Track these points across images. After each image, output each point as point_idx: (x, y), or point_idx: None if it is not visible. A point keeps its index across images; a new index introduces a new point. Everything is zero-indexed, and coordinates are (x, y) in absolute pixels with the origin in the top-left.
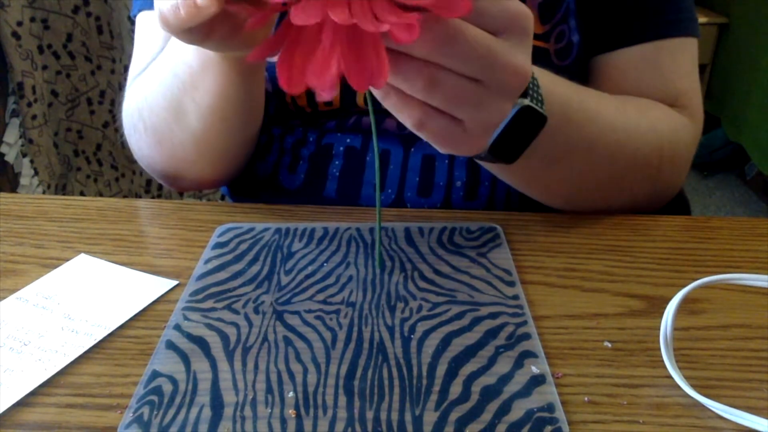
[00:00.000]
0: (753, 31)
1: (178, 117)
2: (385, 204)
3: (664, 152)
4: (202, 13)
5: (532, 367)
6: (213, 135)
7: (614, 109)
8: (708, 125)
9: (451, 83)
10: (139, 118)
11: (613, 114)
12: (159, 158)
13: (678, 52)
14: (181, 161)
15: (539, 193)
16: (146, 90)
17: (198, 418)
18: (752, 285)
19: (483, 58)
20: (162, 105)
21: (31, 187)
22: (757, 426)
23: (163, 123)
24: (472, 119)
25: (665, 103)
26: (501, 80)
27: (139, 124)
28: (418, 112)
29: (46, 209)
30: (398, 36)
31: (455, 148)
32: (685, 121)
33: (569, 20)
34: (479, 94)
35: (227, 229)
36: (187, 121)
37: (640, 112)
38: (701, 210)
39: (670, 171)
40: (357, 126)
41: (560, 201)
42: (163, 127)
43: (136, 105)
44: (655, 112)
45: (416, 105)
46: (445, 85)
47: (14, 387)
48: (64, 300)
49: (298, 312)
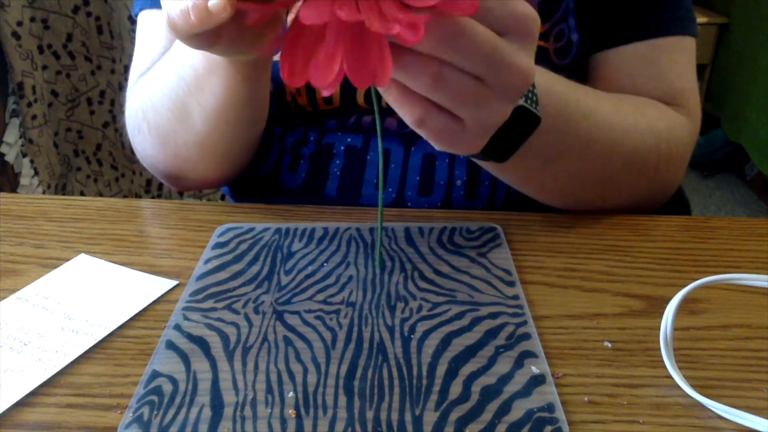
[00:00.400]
0: (753, 31)
1: (183, 119)
2: (386, 203)
3: (662, 151)
4: (214, 19)
5: (532, 367)
6: (217, 136)
7: (611, 107)
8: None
9: (455, 80)
10: (143, 119)
11: (610, 112)
12: (162, 158)
13: (676, 51)
14: (184, 161)
15: (535, 191)
16: (150, 91)
17: (198, 418)
18: (752, 285)
19: (488, 55)
20: (166, 106)
21: (31, 187)
22: (757, 426)
23: (167, 124)
24: (472, 118)
25: (663, 101)
26: (504, 80)
27: (143, 125)
28: (419, 108)
29: (46, 209)
30: (404, 36)
31: (454, 146)
32: (683, 119)
33: (568, 19)
34: (482, 93)
35: (227, 229)
36: (192, 123)
37: (638, 111)
38: (701, 210)
39: (668, 170)
40: (358, 125)
41: (556, 199)
42: (167, 128)
43: (140, 106)
44: (653, 111)
45: (418, 101)
46: (448, 81)
47: (14, 387)
48: (64, 300)
49: (298, 312)
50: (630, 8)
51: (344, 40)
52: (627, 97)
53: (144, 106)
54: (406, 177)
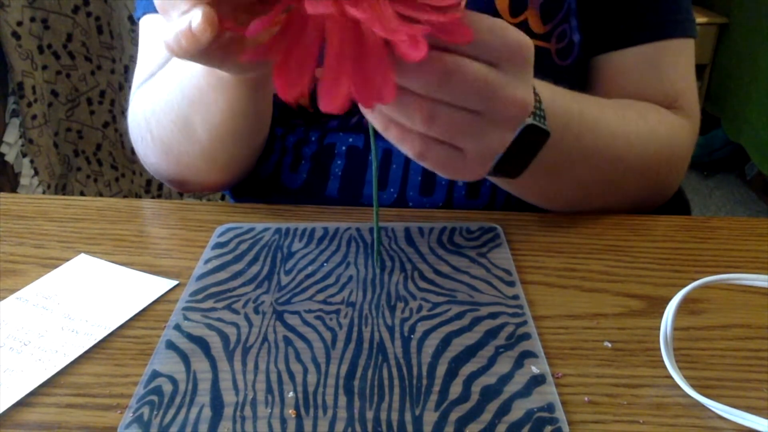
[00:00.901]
0: (753, 31)
1: (186, 131)
2: (388, 203)
3: (663, 156)
4: (201, 41)
5: (532, 367)
6: (220, 147)
7: (614, 116)
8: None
9: (450, 116)
10: (146, 128)
11: (614, 121)
12: (166, 166)
13: (678, 54)
14: (187, 169)
15: (540, 201)
16: (153, 100)
17: (198, 418)
18: (752, 285)
19: (482, 91)
20: (170, 118)
21: (31, 187)
22: (757, 426)
23: (170, 135)
24: (472, 149)
25: (665, 104)
26: (501, 112)
27: (146, 135)
28: (419, 143)
29: (46, 209)
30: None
31: (458, 175)
32: (683, 122)
33: (570, 20)
34: (479, 125)
35: (227, 229)
36: (195, 135)
37: (640, 117)
38: (701, 210)
39: (669, 172)
40: (359, 125)
41: (560, 206)
42: (170, 139)
43: (143, 115)
44: (654, 116)
45: (416, 136)
46: (443, 118)
47: (14, 387)
48: (64, 300)
49: (298, 312)
50: (632, 10)
51: (346, 60)
52: (629, 104)
53: (147, 116)
54: (407, 177)
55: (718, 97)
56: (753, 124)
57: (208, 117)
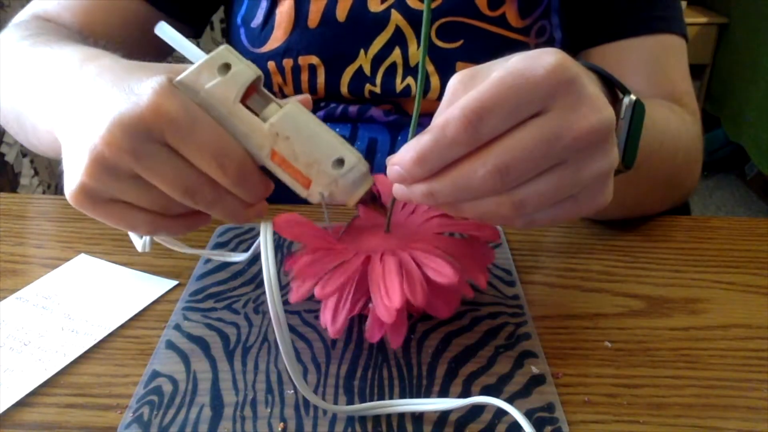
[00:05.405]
0: (753, 31)
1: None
2: None
3: (692, 152)
4: None
5: (532, 367)
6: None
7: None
8: (708, 125)
9: (537, 191)
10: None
11: (660, 116)
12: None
13: (679, 54)
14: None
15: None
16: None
17: (198, 418)
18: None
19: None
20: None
21: (31, 187)
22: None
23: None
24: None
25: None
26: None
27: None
28: (527, 222)
29: (46, 209)
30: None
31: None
32: (692, 119)
33: (551, 16)
34: (570, 175)
35: (227, 229)
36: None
37: (672, 112)
38: (701, 210)
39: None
40: (344, 115)
41: (627, 212)
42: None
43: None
44: (678, 112)
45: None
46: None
47: (14, 387)
48: (64, 300)
49: (298, 312)
50: (622, 4)
51: None
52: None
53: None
54: None
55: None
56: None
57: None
